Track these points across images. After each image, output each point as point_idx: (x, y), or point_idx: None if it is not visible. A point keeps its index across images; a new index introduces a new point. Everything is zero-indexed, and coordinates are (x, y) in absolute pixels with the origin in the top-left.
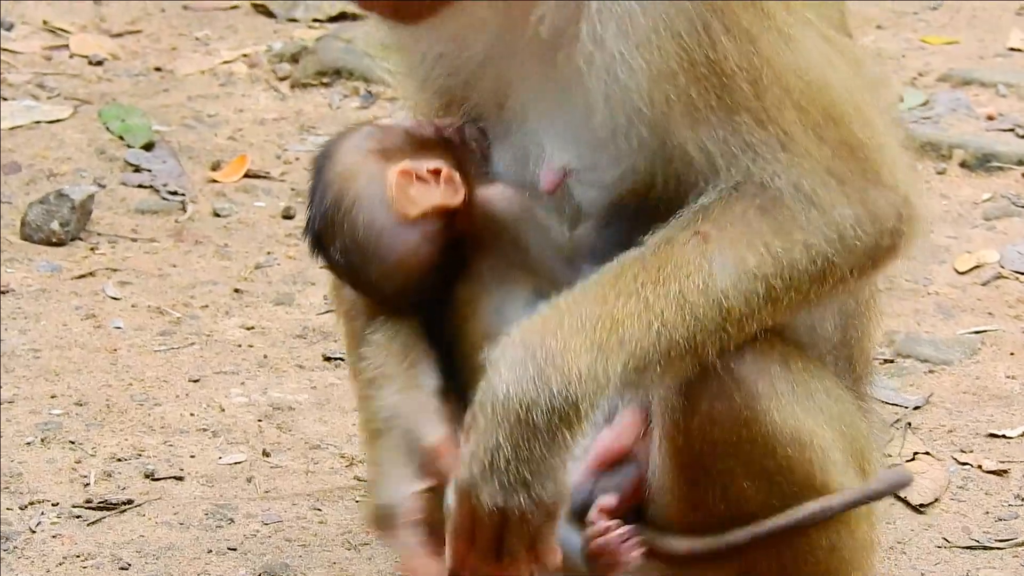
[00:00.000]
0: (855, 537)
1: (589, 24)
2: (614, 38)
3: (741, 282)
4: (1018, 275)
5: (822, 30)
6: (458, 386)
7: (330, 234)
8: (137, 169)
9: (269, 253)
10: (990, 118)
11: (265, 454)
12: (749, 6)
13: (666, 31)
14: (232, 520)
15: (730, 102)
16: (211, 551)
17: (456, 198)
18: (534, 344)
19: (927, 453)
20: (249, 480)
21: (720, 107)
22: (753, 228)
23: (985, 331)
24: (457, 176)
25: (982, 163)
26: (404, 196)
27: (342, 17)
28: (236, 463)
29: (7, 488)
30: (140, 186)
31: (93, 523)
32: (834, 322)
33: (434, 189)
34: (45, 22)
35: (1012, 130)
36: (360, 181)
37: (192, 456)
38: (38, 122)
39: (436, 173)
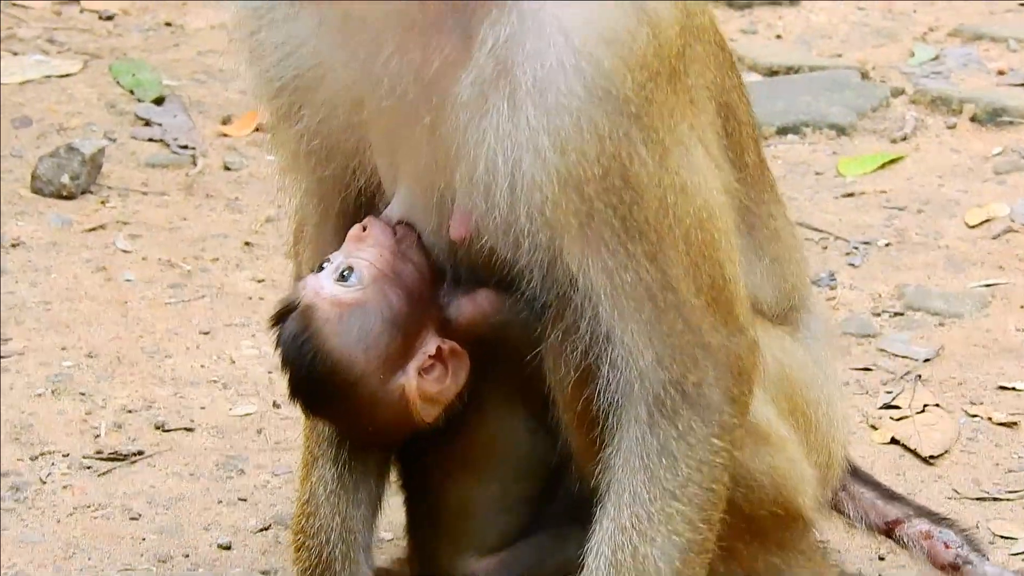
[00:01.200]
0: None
1: (510, 103)
2: (534, 127)
3: (686, 550)
4: None
5: (707, 146)
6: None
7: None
8: (147, 123)
9: (279, 206)
10: (1001, 73)
11: (275, 406)
12: (664, 116)
13: (589, 130)
14: (242, 471)
15: (631, 226)
16: (221, 502)
17: (465, 371)
18: None
19: (937, 405)
20: (259, 431)
21: (621, 229)
22: (660, 488)
23: (995, 284)
24: (455, 346)
25: (992, 118)
26: (428, 404)
27: None
28: (246, 415)
29: (18, 439)
30: (150, 140)
31: (104, 474)
32: (776, 294)
33: (446, 378)
34: None
35: (1023, 85)
36: (358, 366)
37: (202, 408)
38: (48, 76)
39: (439, 356)
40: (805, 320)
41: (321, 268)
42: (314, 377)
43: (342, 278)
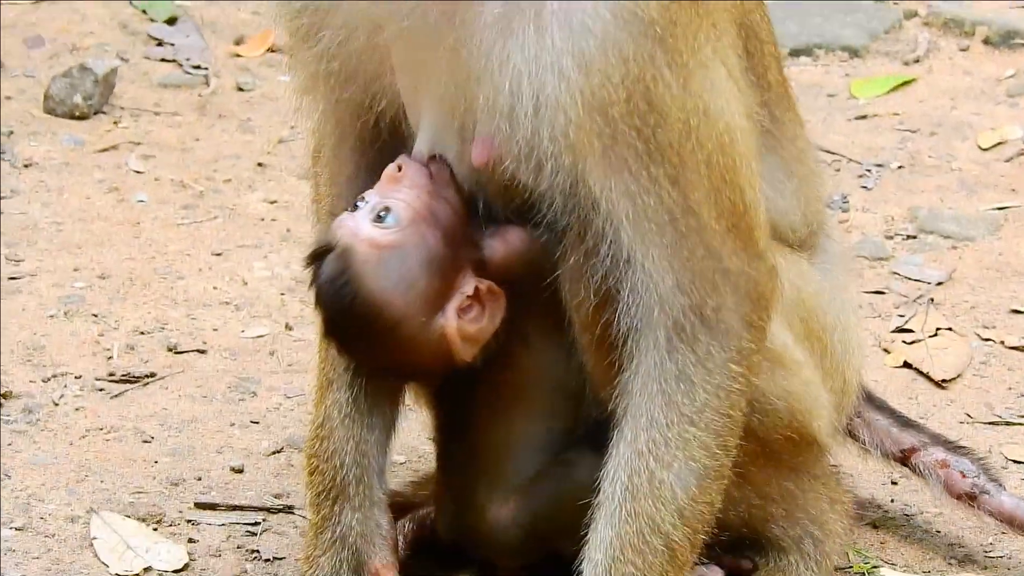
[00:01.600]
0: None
1: (536, 24)
2: (559, 48)
3: (702, 475)
4: None
5: (730, 69)
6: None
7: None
8: (160, 43)
9: (292, 127)
10: None
11: (288, 327)
12: (687, 38)
13: (614, 52)
14: (255, 393)
15: (654, 149)
16: (234, 424)
17: (501, 310)
18: None
19: (950, 329)
20: (272, 353)
21: (644, 152)
22: (678, 413)
23: (1008, 207)
24: (492, 285)
25: (1005, 40)
26: (467, 344)
27: None
28: (259, 336)
29: (30, 361)
30: (163, 60)
31: (116, 396)
32: (800, 217)
33: (483, 317)
34: None
35: None
36: (396, 305)
37: (215, 329)
38: None
39: (476, 296)
40: (823, 244)
41: (356, 207)
42: (353, 319)
43: (379, 219)
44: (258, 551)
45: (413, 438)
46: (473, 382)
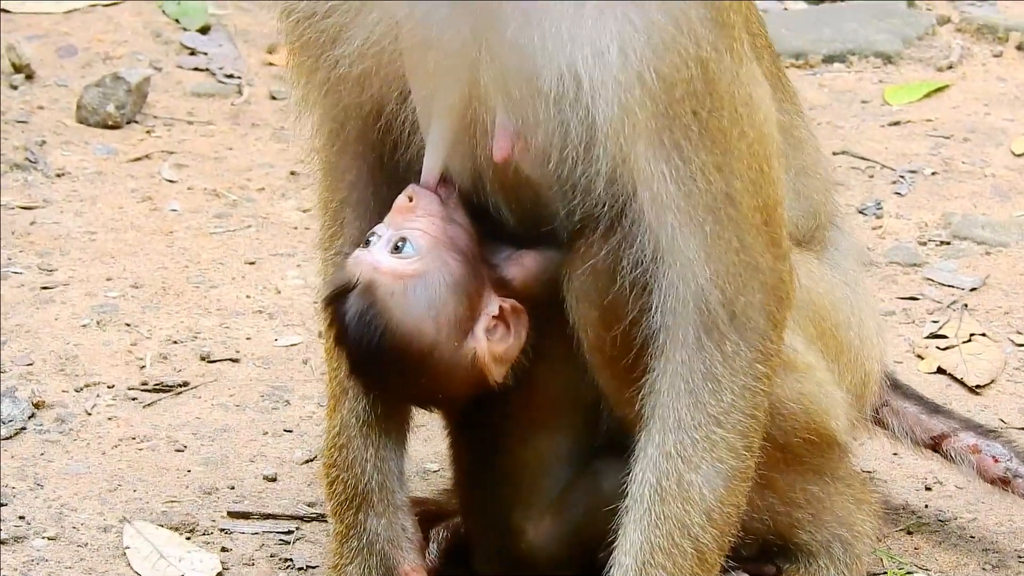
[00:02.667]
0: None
1: (600, 8)
2: (634, 26)
3: (730, 477)
4: None
5: (758, 62)
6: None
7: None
8: (193, 52)
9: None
10: None
11: (320, 336)
12: (739, 26)
13: (687, 32)
14: (288, 402)
15: (706, 134)
16: (267, 433)
17: (526, 327)
18: None
19: (983, 335)
20: (305, 362)
21: (697, 137)
22: (705, 414)
23: None
24: (515, 303)
25: None
26: (498, 364)
27: None
28: (292, 345)
29: (63, 370)
30: (196, 69)
31: (149, 405)
32: (802, 211)
33: (510, 336)
34: None
35: None
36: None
37: (248, 338)
38: (94, 5)
39: (501, 315)
40: (833, 238)
41: (368, 243)
42: (383, 353)
43: (397, 250)
44: (291, 560)
45: (445, 445)
46: (494, 405)
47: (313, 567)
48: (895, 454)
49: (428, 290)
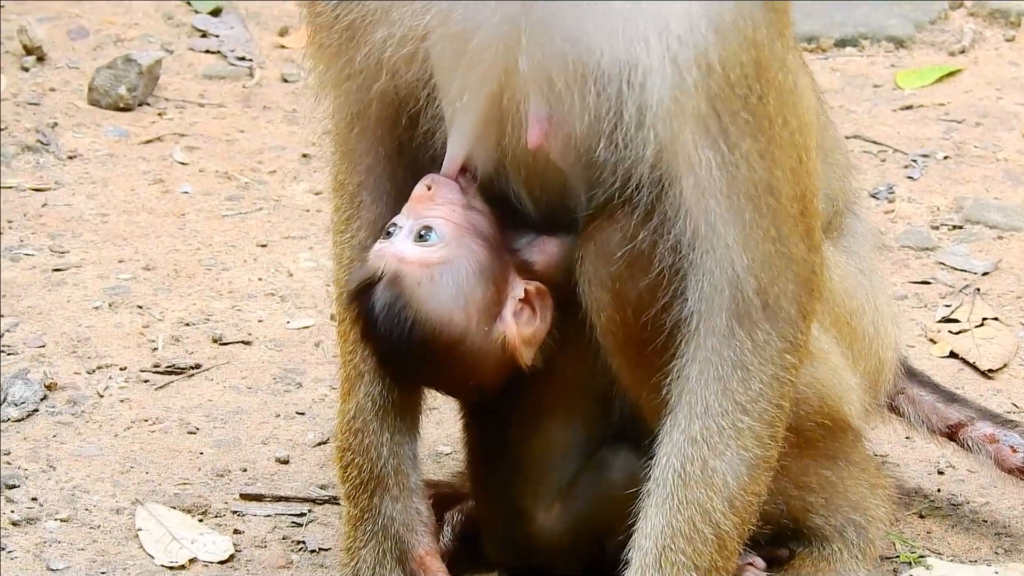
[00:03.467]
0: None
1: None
2: (687, 11)
3: (753, 465)
4: None
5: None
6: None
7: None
8: (204, 34)
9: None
10: None
11: (333, 318)
12: (788, 13)
13: (747, 16)
14: (300, 384)
15: (753, 120)
16: (279, 415)
17: (551, 309)
18: None
19: (996, 319)
20: (317, 344)
21: (745, 122)
22: (732, 401)
23: None
24: (539, 286)
25: None
26: (527, 347)
27: None
28: (304, 327)
29: (75, 352)
30: (208, 51)
31: (161, 387)
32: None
33: (536, 318)
34: None
35: None
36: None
37: (260, 320)
38: None
39: (527, 298)
40: (849, 224)
41: (389, 234)
42: (414, 344)
43: (421, 239)
44: (304, 542)
45: (459, 428)
46: (509, 391)
47: (325, 549)
48: (908, 438)
49: (455, 277)
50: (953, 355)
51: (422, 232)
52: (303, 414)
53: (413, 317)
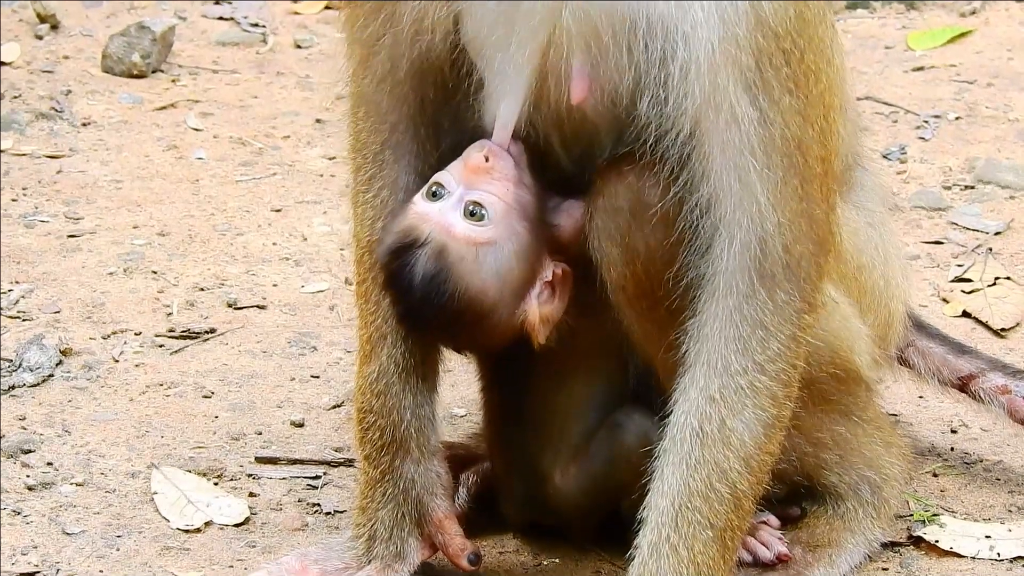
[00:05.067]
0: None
1: None
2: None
3: (769, 425)
4: None
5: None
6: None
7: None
8: (218, 1)
9: (339, 82)
10: None
11: (347, 282)
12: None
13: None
14: (315, 348)
15: (793, 76)
16: (294, 379)
17: (570, 287)
18: None
19: (1008, 278)
20: (331, 308)
21: (786, 77)
22: (752, 361)
23: None
24: (565, 267)
25: None
26: (544, 326)
27: None
28: (318, 291)
29: (90, 318)
30: (221, 18)
31: (176, 352)
32: None
33: (555, 298)
34: None
35: None
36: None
37: (275, 285)
38: None
39: (551, 280)
40: (859, 178)
41: (435, 195)
42: (444, 312)
43: (472, 215)
44: (319, 504)
45: (473, 391)
46: (527, 352)
47: (341, 512)
48: (920, 397)
49: (497, 259)
50: (966, 314)
51: (473, 208)
52: (318, 377)
53: (450, 290)
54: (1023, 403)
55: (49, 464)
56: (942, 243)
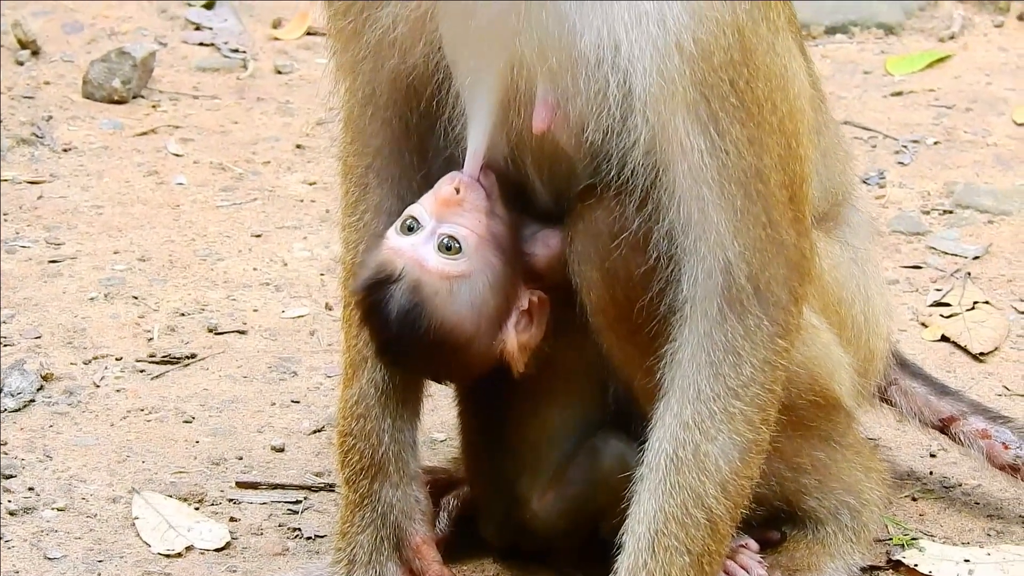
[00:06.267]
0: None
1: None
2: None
3: (745, 449)
4: None
5: (793, 36)
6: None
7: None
8: (198, 27)
9: (330, 109)
10: None
11: (327, 307)
12: (770, 5)
13: (709, 4)
14: (295, 373)
15: (741, 105)
16: (274, 404)
17: (547, 315)
18: None
19: (987, 302)
20: (312, 333)
21: (732, 108)
22: (724, 386)
23: None
24: (541, 295)
25: None
26: (522, 354)
27: None
28: (299, 317)
29: (71, 343)
30: (201, 44)
31: (157, 377)
32: (822, 191)
33: (533, 326)
34: None
35: None
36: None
37: (255, 310)
38: None
39: (528, 308)
40: (846, 215)
41: (410, 229)
42: (420, 344)
43: (446, 249)
44: (300, 529)
45: (453, 415)
46: (504, 377)
47: (321, 536)
48: (899, 421)
49: (472, 292)
50: (944, 339)
51: (447, 242)
52: (298, 402)
53: (426, 324)
54: (1002, 449)
55: (30, 489)
56: (921, 268)
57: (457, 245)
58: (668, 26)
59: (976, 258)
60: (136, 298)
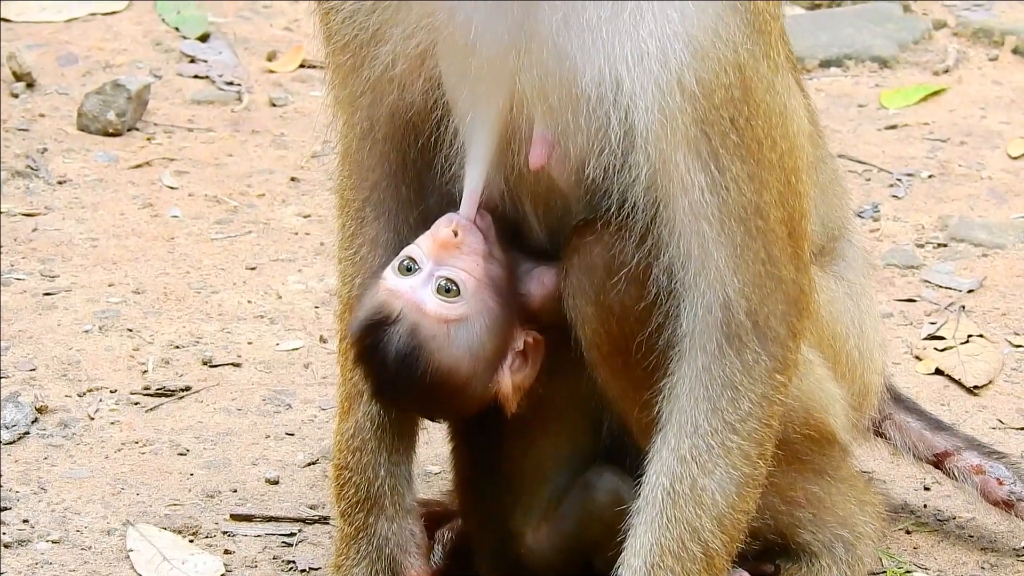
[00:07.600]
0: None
1: (637, 15)
2: (671, 30)
3: (742, 484)
4: None
5: (792, 74)
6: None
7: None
8: (193, 60)
9: (325, 142)
10: None
11: (322, 340)
12: (776, 35)
13: (725, 37)
14: (290, 406)
15: (741, 143)
16: (269, 436)
17: (541, 354)
18: None
19: (981, 336)
20: (306, 366)
21: (733, 145)
22: (722, 420)
23: None
24: (536, 335)
25: None
26: (516, 394)
27: None
28: (293, 349)
29: (65, 376)
30: (196, 76)
31: (151, 409)
32: (819, 227)
33: (527, 366)
34: None
35: None
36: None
37: (250, 343)
38: (94, 14)
39: (523, 349)
40: (842, 249)
41: (408, 270)
42: (416, 387)
43: (444, 292)
44: (294, 562)
45: (447, 448)
46: (498, 412)
47: (316, 569)
48: (893, 454)
49: (469, 335)
50: (939, 372)
51: (444, 285)
52: (292, 435)
53: (423, 367)
54: (996, 485)
55: (25, 521)
56: (915, 301)
57: (455, 288)
58: (670, 64)
59: (970, 291)
60: (131, 330)
